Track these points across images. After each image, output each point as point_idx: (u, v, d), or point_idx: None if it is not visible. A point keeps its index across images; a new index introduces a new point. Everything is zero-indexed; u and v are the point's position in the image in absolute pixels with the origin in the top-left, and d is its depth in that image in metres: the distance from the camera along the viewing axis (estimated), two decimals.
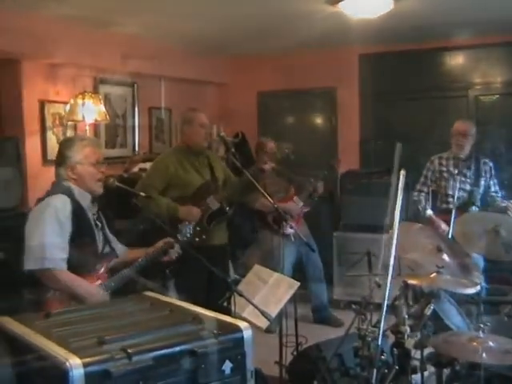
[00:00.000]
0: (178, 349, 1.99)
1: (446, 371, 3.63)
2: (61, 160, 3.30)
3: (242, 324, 2.14)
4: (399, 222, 2.81)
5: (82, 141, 3.42)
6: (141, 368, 1.91)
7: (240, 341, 2.11)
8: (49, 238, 3.03)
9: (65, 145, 3.39)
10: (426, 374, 3.45)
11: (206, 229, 4.47)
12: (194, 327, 2.13)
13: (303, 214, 5.89)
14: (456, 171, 5.15)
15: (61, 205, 3.13)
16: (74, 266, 3.14)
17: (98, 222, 3.37)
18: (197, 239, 3.68)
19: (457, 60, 7.04)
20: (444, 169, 5.31)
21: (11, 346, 2.19)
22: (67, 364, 1.85)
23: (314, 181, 5.78)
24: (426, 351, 3.33)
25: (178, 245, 3.52)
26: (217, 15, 5.35)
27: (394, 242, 2.74)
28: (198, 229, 4.33)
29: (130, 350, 1.93)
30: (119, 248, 3.53)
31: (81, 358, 1.88)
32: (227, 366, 2.06)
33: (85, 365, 1.86)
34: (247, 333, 2.12)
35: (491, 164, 5.30)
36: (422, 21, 5.76)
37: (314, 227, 6.00)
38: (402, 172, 2.85)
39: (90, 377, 1.86)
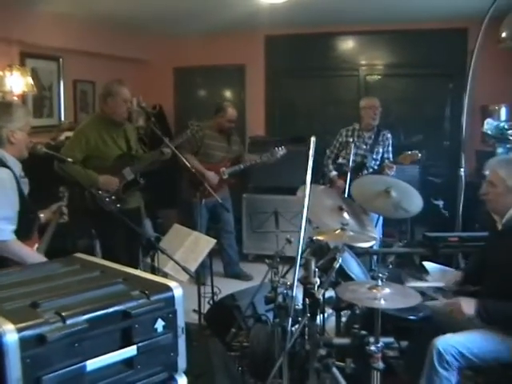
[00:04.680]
0: (111, 310, 1.77)
1: (344, 314, 3.67)
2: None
3: (172, 283, 1.94)
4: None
5: (23, 108, 3.06)
6: (75, 331, 1.68)
7: (171, 299, 1.90)
8: None
9: (6, 109, 2.90)
10: (325, 315, 3.46)
11: (120, 197, 4.27)
12: (125, 288, 1.91)
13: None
14: (355, 139, 5.24)
15: (7, 177, 2.74)
16: (17, 234, 2.80)
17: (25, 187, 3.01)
18: (113, 207, 3.48)
19: (347, 43, 7.09)
20: (350, 139, 5.36)
21: None
22: (0, 330, 1.60)
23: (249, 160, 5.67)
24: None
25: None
26: None
27: (306, 200, 2.64)
28: (113, 198, 4.18)
29: (63, 313, 1.69)
30: None
31: (14, 323, 1.63)
32: (159, 325, 1.86)
33: (19, 330, 1.61)
34: (177, 291, 1.92)
35: (389, 135, 5.41)
36: (319, 7, 5.68)
37: None
38: (313, 139, 2.73)
39: (25, 342, 1.61)
